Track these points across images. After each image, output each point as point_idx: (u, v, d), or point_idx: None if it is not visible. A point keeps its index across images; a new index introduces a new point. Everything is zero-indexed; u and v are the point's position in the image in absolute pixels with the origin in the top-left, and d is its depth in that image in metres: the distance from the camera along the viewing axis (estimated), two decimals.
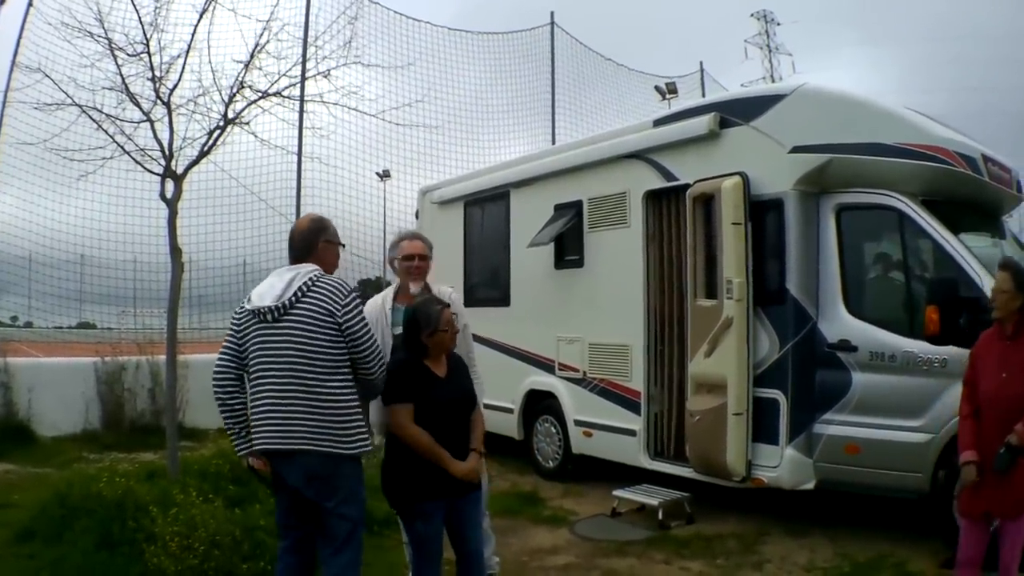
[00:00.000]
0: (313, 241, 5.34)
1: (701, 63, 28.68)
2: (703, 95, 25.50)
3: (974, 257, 7.59)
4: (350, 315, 5.04)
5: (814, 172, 8.31)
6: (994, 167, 8.62)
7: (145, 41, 9.18)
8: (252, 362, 5.05)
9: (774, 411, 8.35)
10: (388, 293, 6.54)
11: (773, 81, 46.98)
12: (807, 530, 8.44)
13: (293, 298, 4.99)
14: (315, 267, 5.19)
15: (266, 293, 5.06)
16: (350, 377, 5.07)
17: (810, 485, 8.25)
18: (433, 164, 20.43)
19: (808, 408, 8.26)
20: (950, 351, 7.31)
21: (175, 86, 9.28)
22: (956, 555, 5.78)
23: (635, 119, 11.82)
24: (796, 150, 8.34)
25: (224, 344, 5.21)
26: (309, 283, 5.05)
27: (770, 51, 56.84)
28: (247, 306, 5.11)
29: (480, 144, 21.88)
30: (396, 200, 21.00)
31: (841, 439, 8.02)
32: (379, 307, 6.43)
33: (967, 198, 8.54)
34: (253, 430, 5.06)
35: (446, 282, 12.25)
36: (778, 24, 58.15)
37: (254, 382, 5.05)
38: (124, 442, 13.79)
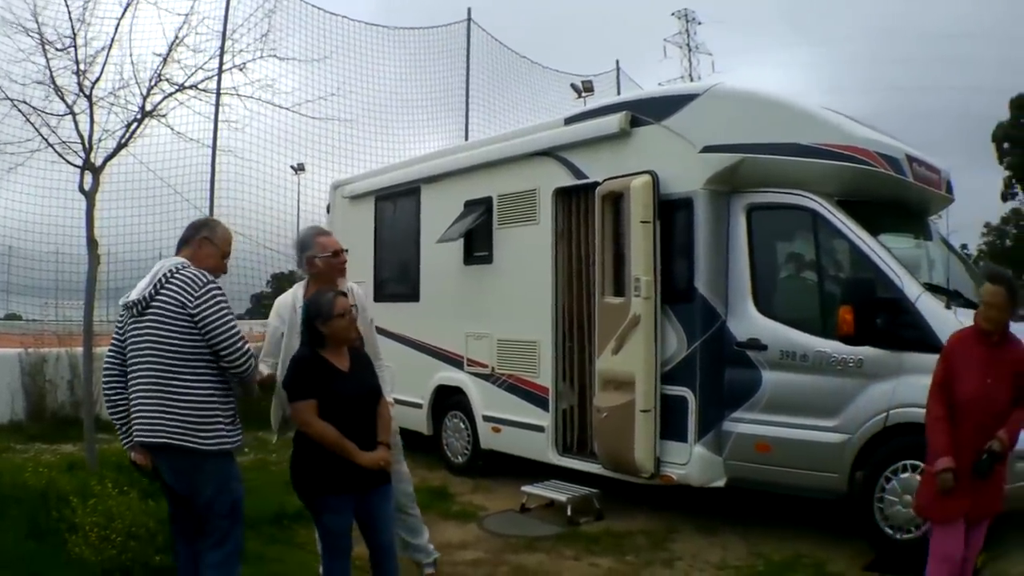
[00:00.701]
0: (191, 236, 5.32)
1: (617, 61, 28.72)
2: (619, 94, 25.53)
3: (893, 258, 7.55)
4: (203, 306, 4.93)
5: (725, 172, 8.25)
6: (920, 167, 8.60)
7: (72, 35, 9.14)
8: (128, 357, 5.05)
9: (682, 408, 8.28)
10: (298, 291, 6.31)
11: (692, 80, 47.36)
12: (718, 528, 8.42)
13: (152, 291, 4.96)
14: (181, 260, 5.13)
15: (137, 287, 5.03)
16: (209, 371, 5.00)
17: (720, 483, 8.21)
18: (348, 159, 20.21)
19: (717, 406, 8.22)
20: (866, 352, 7.32)
21: (97, 79, 9.23)
22: (874, 560, 5.73)
23: (549, 118, 11.73)
24: (707, 150, 8.27)
25: (112, 339, 5.23)
26: (167, 276, 4.99)
27: (690, 50, 57.32)
28: (122, 301, 5.11)
29: (394, 139, 21.65)
30: (310, 194, 20.68)
31: (751, 437, 7.98)
32: (290, 305, 6.21)
33: (890, 199, 8.51)
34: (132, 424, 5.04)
35: (357, 277, 12.19)
36: (699, 23, 58.72)
37: (129, 377, 5.05)
38: (47, 433, 13.73)
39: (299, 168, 21.28)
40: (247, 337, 5.14)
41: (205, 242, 5.28)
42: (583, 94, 26.20)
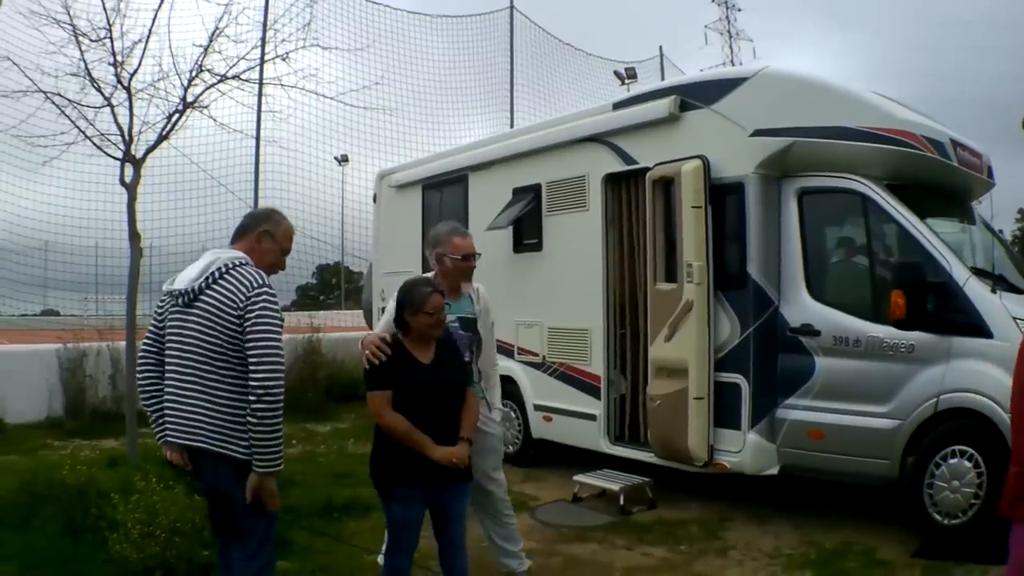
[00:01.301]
0: (251, 226, 4.89)
1: (660, 48, 28.51)
2: (663, 80, 25.23)
3: (942, 242, 7.45)
4: (252, 308, 4.46)
5: (776, 156, 8.14)
6: (963, 152, 8.50)
7: (108, 26, 9.08)
8: (167, 347, 4.71)
9: (736, 396, 8.18)
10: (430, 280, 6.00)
11: (734, 66, 47.00)
12: (770, 516, 8.30)
13: (203, 284, 4.56)
14: (240, 255, 4.71)
15: (185, 275, 4.67)
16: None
17: (774, 470, 8.11)
18: (392, 148, 20.22)
19: (770, 393, 8.11)
20: (917, 336, 7.21)
21: (135, 70, 9.22)
22: (923, 546, 5.57)
23: (594, 104, 11.65)
24: (757, 133, 8.16)
25: (150, 326, 4.91)
26: (223, 270, 4.58)
27: (731, 37, 56.63)
28: (167, 287, 4.76)
29: (439, 128, 21.70)
30: (355, 184, 20.74)
31: (805, 424, 7.87)
32: None
33: (934, 183, 8.42)
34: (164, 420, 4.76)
35: (404, 266, 12.19)
36: (739, 10, 57.99)
37: (166, 368, 4.69)
38: (87, 429, 13.63)
39: (343, 159, 21.32)
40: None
41: (265, 236, 4.85)
42: (627, 81, 26.00)
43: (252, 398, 4.34)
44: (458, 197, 12.08)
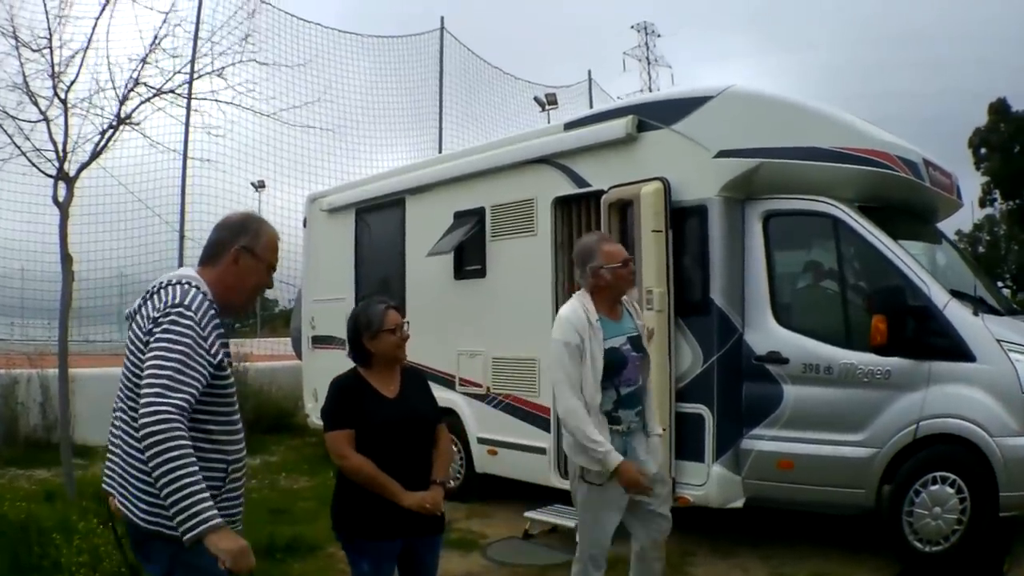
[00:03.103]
0: (222, 243, 3.82)
1: (589, 72, 28.37)
2: (591, 105, 25.21)
3: (919, 264, 7.28)
4: (154, 333, 3.47)
5: (741, 178, 7.86)
6: (935, 172, 8.38)
7: (49, 35, 8.69)
8: None
9: (699, 427, 7.85)
10: (586, 302, 5.34)
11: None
12: (735, 549, 7.97)
13: (138, 306, 3.69)
14: (189, 274, 3.71)
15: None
16: (191, 423, 3.45)
17: (739, 503, 7.80)
18: (313, 171, 19.76)
19: (736, 423, 7.81)
20: (894, 362, 7.02)
21: (72, 82, 8.75)
22: (901, 573, 5.47)
23: (520, 129, 11.39)
24: (722, 154, 7.86)
25: None
26: (155, 288, 3.68)
27: (649, 63, 57.14)
28: (127, 310, 3.88)
29: (365, 152, 21.17)
30: (274, 208, 20.14)
31: (773, 455, 7.58)
32: (584, 320, 5.23)
33: (904, 204, 8.25)
34: None
35: (336, 293, 11.73)
36: (658, 36, 58.60)
37: None
38: (21, 457, 13.04)
39: (259, 185, 20.75)
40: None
41: (243, 255, 3.78)
42: (547, 107, 25.80)
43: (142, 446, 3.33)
44: (395, 222, 11.60)
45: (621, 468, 5.12)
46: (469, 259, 10.37)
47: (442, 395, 10.28)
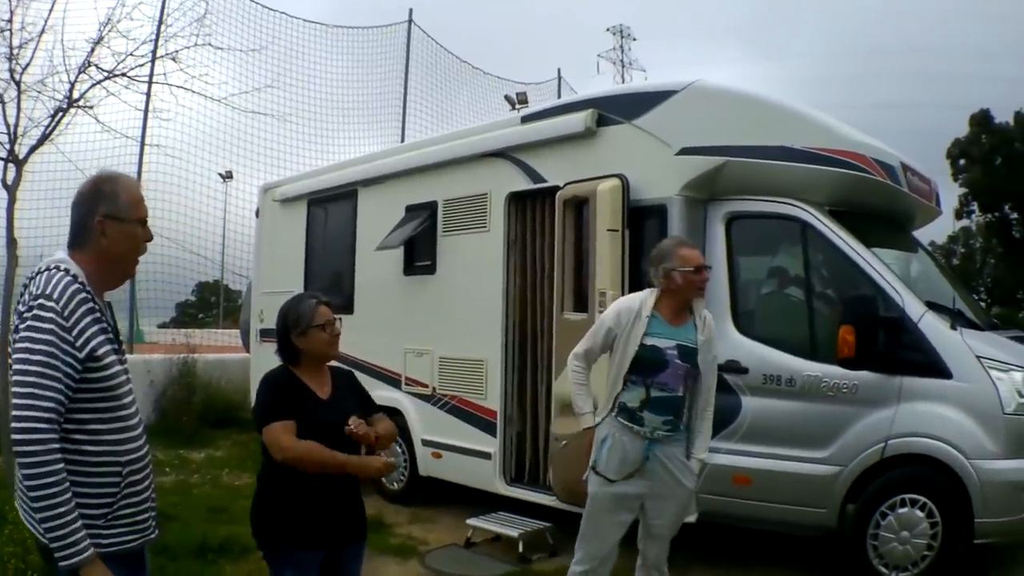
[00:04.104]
0: (84, 218, 3.30)
1: (559, 70, 27.58)
2: None
3: (893, 274, 6.76)
4: (20, 329, 3.09)
5: (704, 177, 7.32)
6: (913, 177, 7.87)
7: (10, 16, 8.46)
8: None
9: None
10: (648, 299, 5.29)
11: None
12: (687, 565, 7.35)
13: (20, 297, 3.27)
14: (60, 258, 3.24)
15: None
16: (72, 425, 3.09)
17: (692, 518, 7.17)
18: (279, 161, 19.11)
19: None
20: (862, 376, 6.49)
21: (28, 63, 8.43)
22: None
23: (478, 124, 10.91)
24: (685, 152, 7.33)
25: None
26: (31, 277, 3.24)
27: (623, 66, 56.65)
28: None
29: (328, 142, 20.59)
30: (237, 199, 19.60)
31: (728, 469, 7.01)
32: (634, 310, 5.24)
33: (879, 209, 7.75)
34: None
35: (286, 286, 11.09)
36: (634, 39, 58.14)
37: None
38: None
39: (227, 175, 20.16)
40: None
41: (110, 223, 3.27)
42: (517, 106, 25.14)
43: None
44: (346, 214, 10.99)
45: (588, 435, 5.26)
46: (419, 254, 9.80)
47: (387, 394, 9.80)
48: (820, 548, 7.36)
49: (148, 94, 11.26)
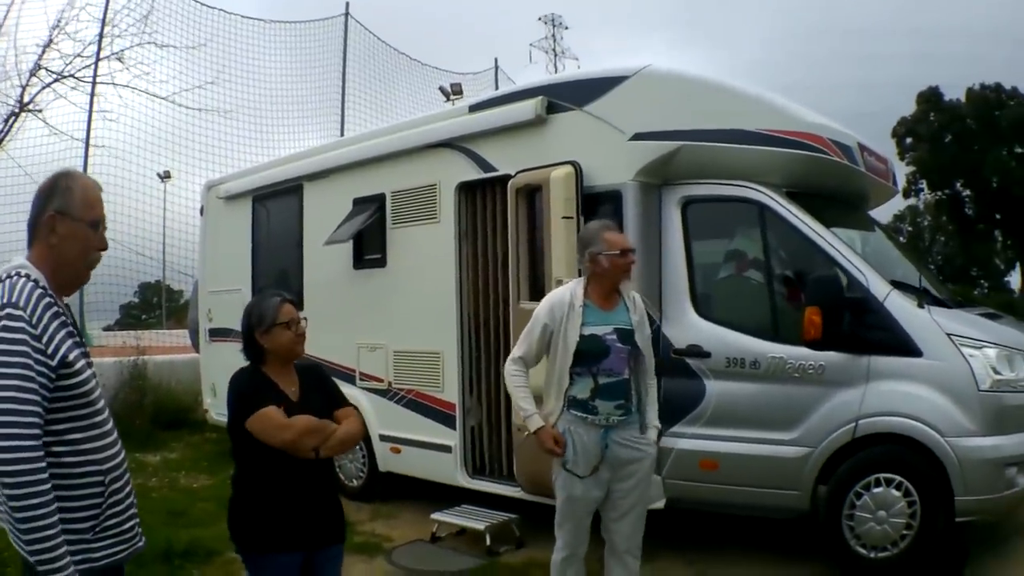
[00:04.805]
0: (37, 214, 3.14)
1: (496, 60, 27.61)
2: None
3: (855, 254, 6.65)
4: None
5: (658, 162, 7.16)
6: (870, 157, 7.78)
7: None
8: None
9: None
10: (576, 288, 5.26)
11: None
12: (656, 551, 7.16)
13: None
14: (20, 264, 3.08)
15: None
16: (51, 438, 2.93)
17: (660, 504, 7.06)
18: (220, 159, 18.75)
19: None
20: (828, 357, 6.37)
21: None
22: None
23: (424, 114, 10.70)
24: (638, 137, 7.16)
25: None
26: None
27: (555, 55, 56.37)
28: None
29: (268, 139, 20.35)
30: (179, 197, 19.26)
31: (694, 453, 6.90)
32: (566, 303, 5.17)
33: (836, 190, 7.64)
34: None
35: (232, 284, 10.79)
36: (566, 28, 57.95)
37: None
38: None
39: (166, 175, 19.80)
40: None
41: (59, 220, 3.10)
42: (452, 97, 24.92)
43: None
44: (292, 209, 10.71)
45: (539, 433, 5.06)
46: (368, 247, 9.55)
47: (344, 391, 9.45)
48: (793, 532, 7.28)
49: (92, 94, 10.99)
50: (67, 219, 3.11)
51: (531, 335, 5.25)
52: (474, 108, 8.66)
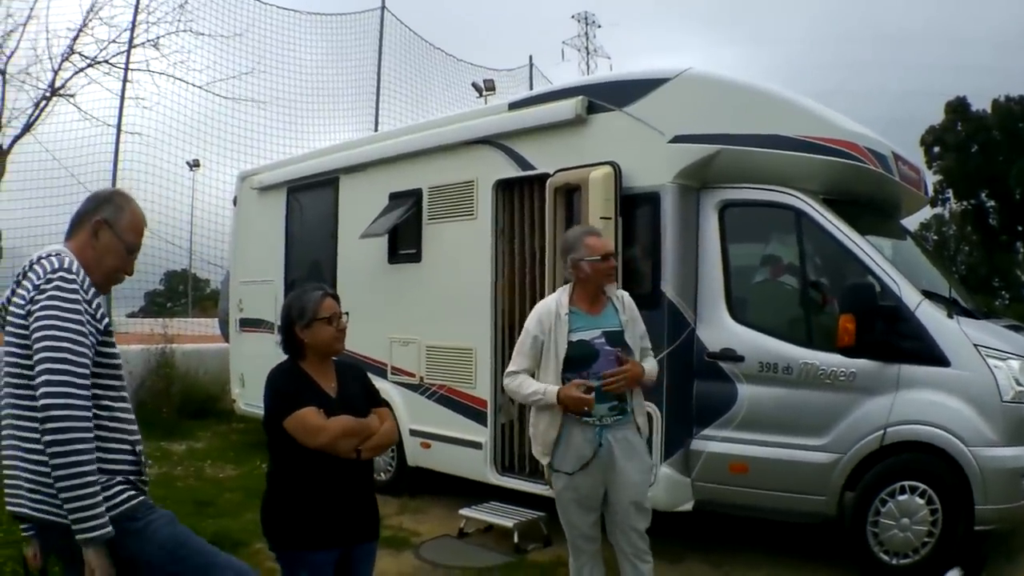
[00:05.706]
0: (85, 213, 3.39)
1: (531, 57, 27.44)
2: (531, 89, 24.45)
3: (888, 262, 6.71)
4: (39, 301, 3.06)
5: (697, 165, 7.24)
6: (904, 166, 7.84)
7: None
8: None
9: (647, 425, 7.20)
10: (562, 297, 5.34)
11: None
12: (682, 553, 7.36)
13: (10, 292, 3.25)
14: (58, 248, 3.28)
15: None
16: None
17: (688, 506, 7.19)
18: (251, 149, 18.82)
19: (685, 422, 7.20)
20: (860, 364, 6.44)
21: (12, 52, 8.23)
22: None
23: (461, 110, 10.79)
24: (677, 140, 7.23)
25: None
26: (27, 267, 3.24)
27: (588, 53, 56.25)
28: None
29: (302, 130, 20.44)
30: (209, 186, 19.31)
31: (725, 457, 6.99)
32: (552, 311, 5.24)
33: (869, 197, 7.69)
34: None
35: (265, 275, 10.94)
36: (599, 26, 57.82)
37: None
38: None
39: (195, 164, 19.90)
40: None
41: (103, 228, 3.34)
42: (484, 93, 24.97)
43: (40, 427, 2.96)
44: (327, 202, 10.82)
45: (560, 394, 5.02)
46: (404, 242, 9.64)
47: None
48: (818, 537, 7.33)
49: (125, 80, 11.11)
50: (111, 231, 3.34)
51: (523, 349, 5.31)
52: (513, 106, 8.73)
